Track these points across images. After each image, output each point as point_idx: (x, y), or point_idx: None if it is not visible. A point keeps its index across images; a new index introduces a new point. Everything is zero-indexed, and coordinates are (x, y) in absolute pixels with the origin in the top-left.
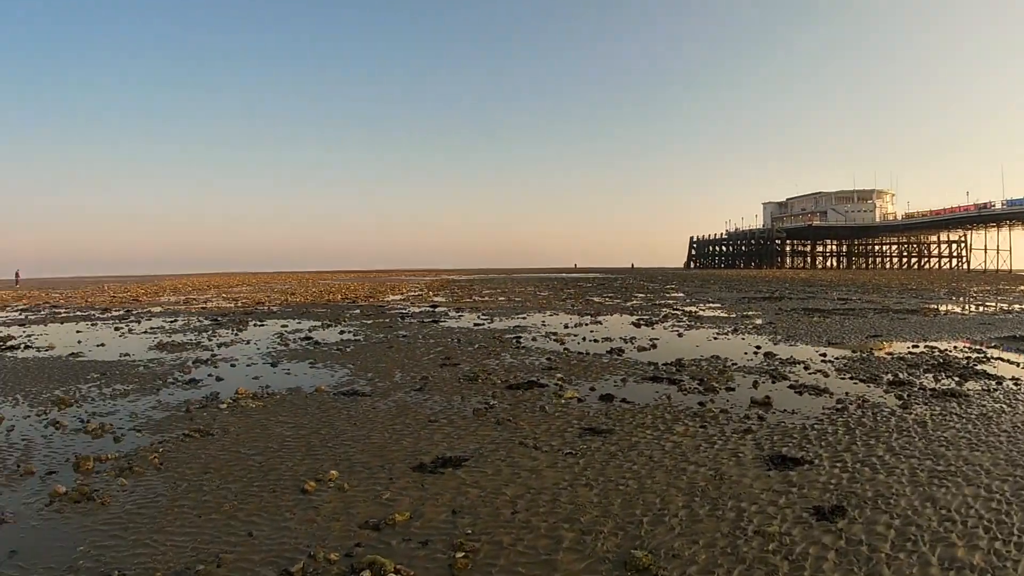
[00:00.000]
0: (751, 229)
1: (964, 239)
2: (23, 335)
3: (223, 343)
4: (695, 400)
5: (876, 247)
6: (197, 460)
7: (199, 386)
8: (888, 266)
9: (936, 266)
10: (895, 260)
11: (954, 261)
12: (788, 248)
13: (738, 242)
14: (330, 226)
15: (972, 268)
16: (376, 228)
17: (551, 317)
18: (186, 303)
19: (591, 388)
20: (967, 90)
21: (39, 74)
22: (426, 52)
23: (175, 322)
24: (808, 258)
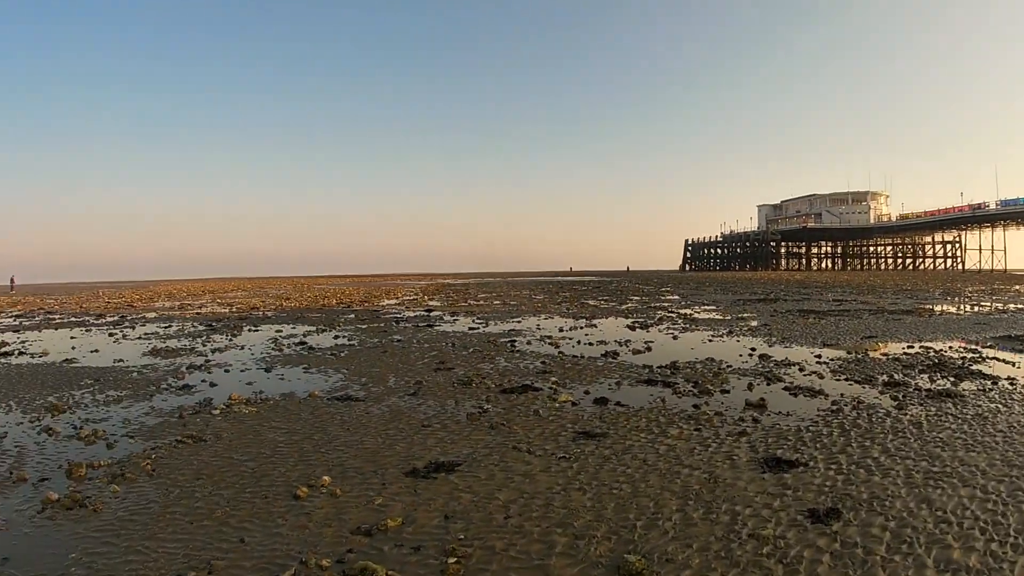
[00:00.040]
0: (746, 231)
1: (959, 239)
2: (17, 341)
3: (217, 348)
4: (690, 403)
5: (871, 248)
6: (190, 466)
7: (193, 392)
8: (883, 267)
9: (931, 266)
10: (890, 261)
11: (949, 261)
12: (783, 250)
13: (733, 244)
14: (325, 230)
15: (967, 268)
16: (372, 232)
17: (546, 320)
18: (181, 308)
19: (585, 391)
20: (961, 91)
21: (32, 78)
22: (422, 55)
23: (169, 328)
24: (803, 260)
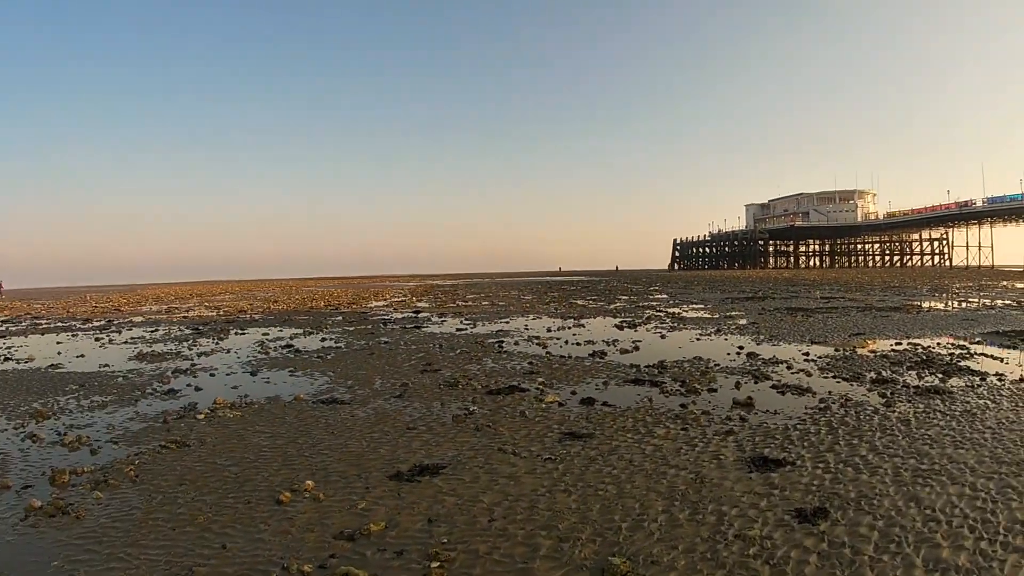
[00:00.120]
0: (734, 230)
1: (946, 236)
2: (3, 347)
3: (203, 352)
4: (677, 402)
5: (859, 246)
6: (173, 472)
7: (178, 396)
8: (871, 264)
9: (918, 263)
10: (878, 258)
11: (936, 258)
12: (771, 248)
13: (721, 243)
14: (314, 233)
15: (954, 265)
16: (361, 234)
17: (534, 321)
18: (168, 312)
19: (572, 392)
20: (946, 89)
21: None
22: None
23: (156, 332)
24: (791, 258)
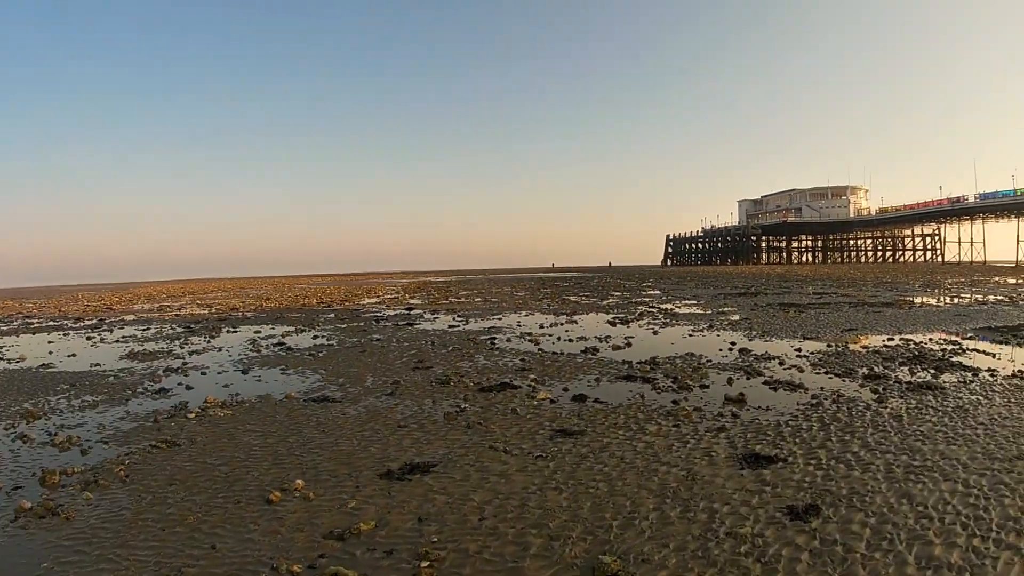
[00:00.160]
0: (727, 226)
1: (938, 232)
2: None
3: (195, 351)
4: (669, 399)
5: (851, 242)
6: (163, 472)
7: (169, 395)
8: (863, 260)
9: (911, 259)
10: (870, 254)
11: (928, 254)
12: (764, 244)
13: (714, 239)
14: (307, 230)
15: (946, 260)
16: (353, 231)
17: (527, 317)
18: (160, 311)
19: (564, 388)
20: (939, 86)
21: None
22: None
23: (147, 330)
24: (784, 254)
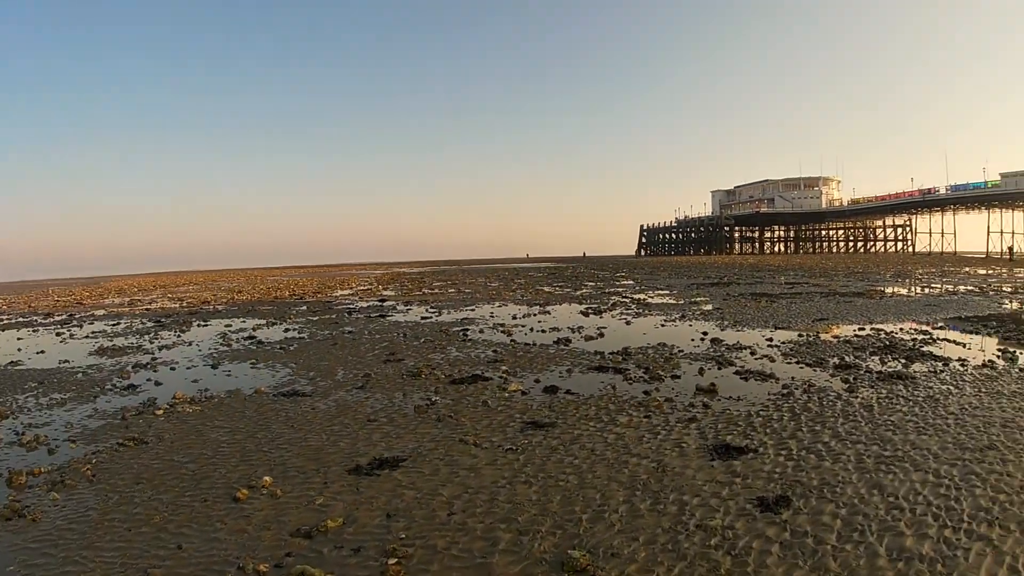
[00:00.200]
0: (700, 217)
1: (909, 223)
2: None
3: (165, 345)
4: (640, 389)
5: (823, 232)
6: (130, 470)
7: (137, 392)
8: (835, 250)
9: (882, 249)
10: (842, 244)
11: (900, 244)
12: (737, 234)
13: (687, 229)
14: (279, 221)
15: (917, 251)
16: (327, 222)
17: (500, 308)
18: (130, 305)
19: (536, 380)
20: (910, 78)
21: None
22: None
23: (118, 325)
24: (756, 244)
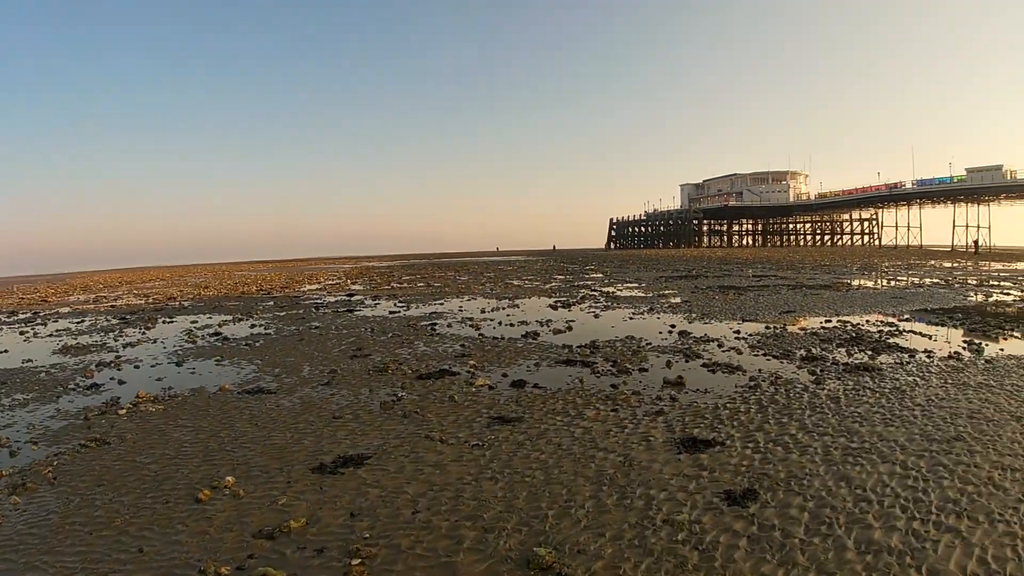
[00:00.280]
0: (669, 210)
1: (875, 217)
2: None
3: (129, 343)
4: (608, 383)
5: (791, 225)
6: (91, 472)
7: (100, 391)
8: (802, 244)
9: (849, 243)
10: (809, 238)
11: (866, 238)
12: (705, 228)
13: (657, 223)
14: (245, 215)
15: (883, 244)
16: (296, 216)
17: (469, 302)
18: (95, 302)
19: (503, 374)
20: (876, 74)
21: None
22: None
23: (82, 323)
24: (725, 237)
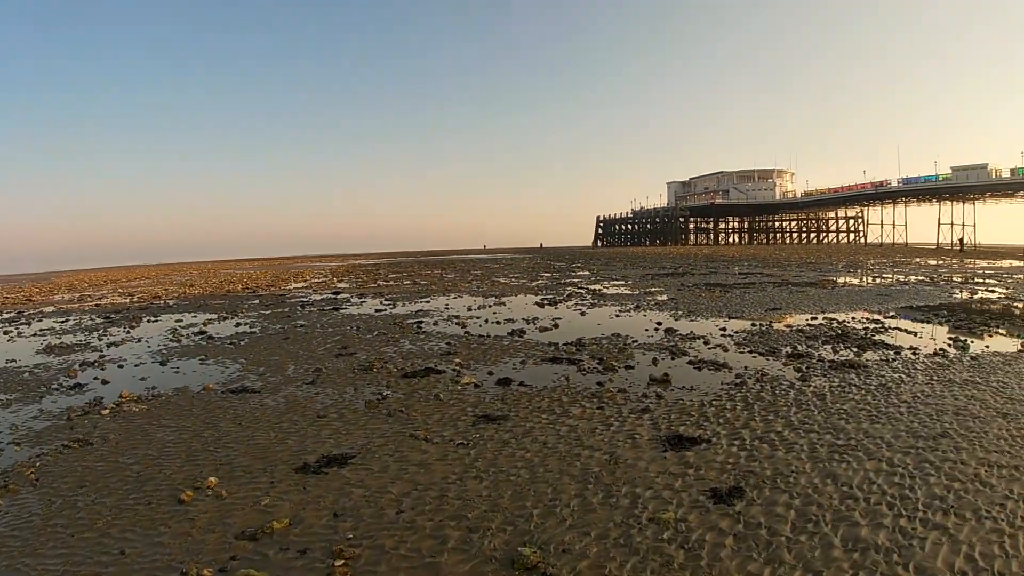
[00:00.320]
0: (656, 208)
1: (861, 215)
2: None
3: (113, 342)
4: (594, 380)
5: (777, 223)
6: (74, 473)
7: (84, 391)
8: (788, 241)
9: (835, 240)
10: (795, 235)
11: (852, 236)
12: (692, 226)
13: (643, 220)
14: (232, 212)
15: (869, 242)
16: (281, 214)
17: (455, 300)
18: (80, 301)
19: (489, 372)
20: (862, 73)
21: None
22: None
23: (66, 322)
24: (711, 235)
